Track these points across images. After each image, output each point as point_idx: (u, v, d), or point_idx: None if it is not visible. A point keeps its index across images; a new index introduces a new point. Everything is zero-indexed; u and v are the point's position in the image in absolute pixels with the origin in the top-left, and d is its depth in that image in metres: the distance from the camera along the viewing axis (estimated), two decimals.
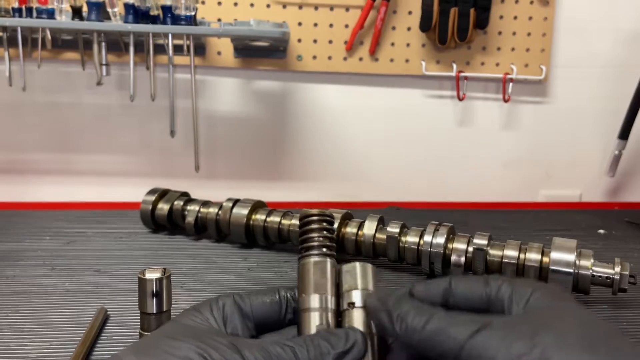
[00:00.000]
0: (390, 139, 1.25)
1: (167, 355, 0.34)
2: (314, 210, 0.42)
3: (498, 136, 1.27)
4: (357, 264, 0.40)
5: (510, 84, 1.21)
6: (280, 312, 0.41)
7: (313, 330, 0.38)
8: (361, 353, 0.37)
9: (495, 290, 0.38)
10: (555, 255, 0.70)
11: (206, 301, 0.41)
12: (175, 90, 1.03)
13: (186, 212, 0.92)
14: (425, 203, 1.20)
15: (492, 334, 0.32)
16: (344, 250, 0.83)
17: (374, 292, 0.39)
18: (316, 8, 1.15)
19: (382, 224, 0.82)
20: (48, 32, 1.01)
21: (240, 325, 0.40)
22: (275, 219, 0.86)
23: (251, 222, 0.87)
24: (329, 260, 0.40)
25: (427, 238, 0.76)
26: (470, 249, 0.75)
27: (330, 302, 0.39)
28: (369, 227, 0.80)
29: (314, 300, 0.39)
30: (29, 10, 0.92)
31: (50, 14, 0.92)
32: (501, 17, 1.19)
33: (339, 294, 0.40)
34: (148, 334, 0.52)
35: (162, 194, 0.95)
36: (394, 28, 1.18)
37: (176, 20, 0.93)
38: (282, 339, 0.38)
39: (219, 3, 1.13)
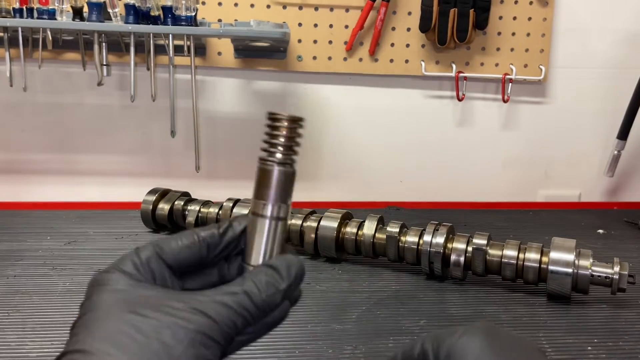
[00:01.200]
0: (390, 139, 1.25)
1: (136, 337, 0.32)
2: (286, 114, 0.42)
3: (497, 136, 1.27)
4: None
5: (510, 84, 1.21)
6: (201, 254, 0.39)
7: (264, 237, 0.39)
8: (303, 275, 0.38)
9: (419, 347, 0.39)
10: (554, 255, 0.70)
11: (124, 259, 0.37)
12: (176, 90, 1.03)
13: (187, 212, 0.92)
14: (425, 203, 1.20)
15: None
16: (344, 250, 0.83)
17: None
18: (316, 9, 1.15)
19: (381, 223, 0.82)
20: (49, 33, 1.01)
21: (167, 276, 0.38)
22: None
23: None
24: (292, 170, 0.41)
25: (427, 238, 0.77)
26: (470, 248, 0.75)
27: (285, 212, 0.39)
28: (369, 227, 0.80)
29: (270, 209, 0.39)
30: (30, 11, 0.92)
31: (51, 15, 0.92)
32: (500, 17, 1.19)
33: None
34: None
35: (163, 194, 0.95)
36: (393, 29, 1.18)
37: (177, 20, 0.93)
38: (231, 287, 0.36)
39: (220, 4, 1.13)
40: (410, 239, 0.78)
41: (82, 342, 0.32)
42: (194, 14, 0.94)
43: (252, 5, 1.14)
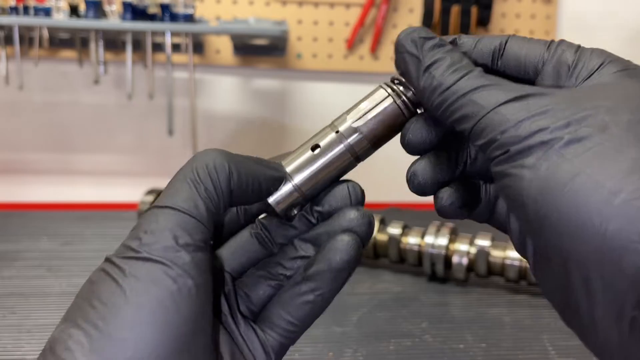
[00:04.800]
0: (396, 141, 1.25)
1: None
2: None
3: None
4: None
5: None
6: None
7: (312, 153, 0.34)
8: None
9: (555, 55, 0.30)
10: None
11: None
12: (174, 88, 1.03)
13: None
14: (427, 204, 1.19)
15: (523, 106, 0.27)
16: None
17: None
18: (316, 6, 1.15)
19: (383, 224, 0.82)
20: (45, 31, 1.01)
21: None
22: None
23: None
24: (405, 118, 0.34)
25: (429, 239, 0.77)
26: (473, 250, 0.75)
27: (360, 149, 0.35)
28: None
29: (348, 126, 0.35)
30: (26, 9, 0.92)
31: (47, 12, 0.92)
32: (503, 14, 1.19)
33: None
34: None
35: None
36: (395, 26, 1.18)
37: (174, 18, 0.94)
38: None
39: (218, 1, 1.13)
40: (412, 240, 0.78)
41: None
42: (192, 11, 0.94)
43: (250, 3, 1.14)
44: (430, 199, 0.38)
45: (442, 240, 0.76)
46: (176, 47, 1.00)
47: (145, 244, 0.27)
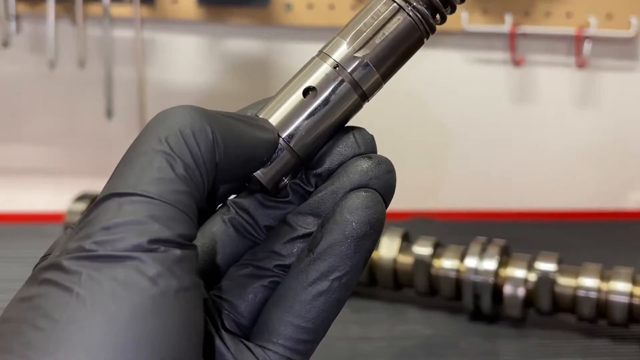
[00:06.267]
0: (416, 122, 1.25)
1: None
2: None
3: (570, 116, 1.27)
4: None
5: (587, 42, 1.21)
6: None
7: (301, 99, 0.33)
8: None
9: None
10: None
11: None
12: (114, 53, 1.03)
13: None
14: (466, 213, 1.20)
15: None
16: None
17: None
18: None
19: (406, 241, 0.82)
20: None
21: None
22: None
23: None
24: (421, 34, 0.36)
25: (470, 262, 0.76)
26: (532, 276, 0.75)
27: (368, 84, 0.36)
28: (389, 247, 0.80)
29: (345, 54, 0.34)
30: None
31: None
32: None
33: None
34: None
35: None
36: None
37: None
38: None
39: None
40: (447, 263, 0.78)
41: None
42: None
43: None
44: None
45: (490, 264, 0.76)
46: None
47: (107, 242, 0.26)
